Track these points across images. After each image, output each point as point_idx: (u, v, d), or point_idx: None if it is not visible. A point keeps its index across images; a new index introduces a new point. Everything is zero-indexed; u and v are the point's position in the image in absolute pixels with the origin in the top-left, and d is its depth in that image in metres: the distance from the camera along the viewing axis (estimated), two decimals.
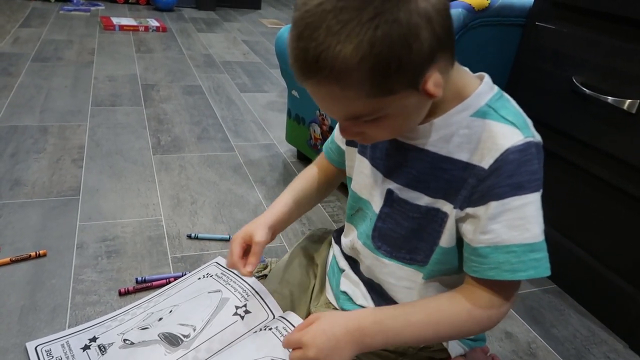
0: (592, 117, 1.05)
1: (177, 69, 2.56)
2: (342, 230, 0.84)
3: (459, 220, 0.62)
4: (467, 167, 0.60)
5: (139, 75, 2.38)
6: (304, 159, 1.67)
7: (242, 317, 0.80)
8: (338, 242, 0.86)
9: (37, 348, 0.82)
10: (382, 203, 0.70)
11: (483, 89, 0.61)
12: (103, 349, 0.80)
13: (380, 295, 0.77)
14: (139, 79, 2.33)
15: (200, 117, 1.98)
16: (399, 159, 0.67)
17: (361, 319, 0.63)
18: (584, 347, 1.00)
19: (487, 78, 0.63)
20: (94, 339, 0.83)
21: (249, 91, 2.36)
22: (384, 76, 0.50)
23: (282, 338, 0.72)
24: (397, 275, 0.72)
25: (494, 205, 0.58)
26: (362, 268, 0.78)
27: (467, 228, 0.61)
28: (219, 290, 0.86)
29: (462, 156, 0.61)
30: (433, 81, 0.53)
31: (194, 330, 0.79)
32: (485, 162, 0.58)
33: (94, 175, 1.43)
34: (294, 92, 1.54)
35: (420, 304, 0.66)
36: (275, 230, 0.80)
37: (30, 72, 2.24)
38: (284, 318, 0.76)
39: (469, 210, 0.60)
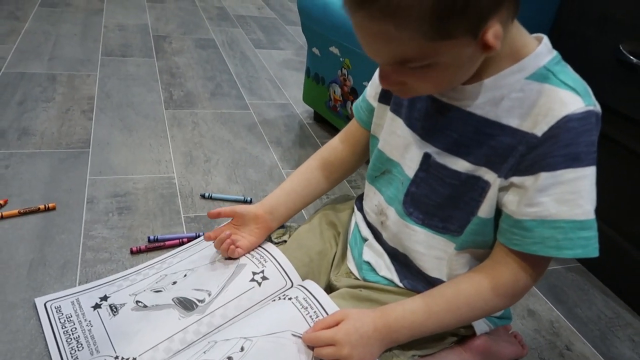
0: None
1: (190, 21, 2.46)
2: (364, 200, 0.80)
3: (501, 190, 0.58)
4: (517, 133, 0.55)
5: (150, 26, 2.29)
6: (321, 121, 1.61)
7: (259, 284, 0.77)
8: (361, 210, 0.81)
9: (47, 304, 0.79)
10: (418, 167, 0.65)
11: (542, 50, 0.55)
12: (115, 309, 0.77)
13: (405, 265, 0.73)
14: (150, 30, 2.24)
15: (213, 72, 1.90)
16: (440, 121, 0.61)
17: (386, 315, 0.62)
18: (608, 328, 0.96)
19: (545, 39, 0.56)
20: (105, 298, 0.80)
21: (264, 47, 2.27)
22: (445, 17, 0.44)
23: (302, 310, 0.68)
24: (427, 244, 0.67)
25: (544, 177, 0.53)
26: (387, 237, 0.74)
27: (510, 199, 0.57)
28: None
29: (512, 122, 0.55)
30: (493, 32, 0.47)
31: (209, 295, 0.75)
32: (539, 129, 0.53)
33: (105, 127, 1.38)
34: (315, 50, 1.46)
35: (439, 292, 0.63)
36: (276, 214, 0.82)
37: (38, 18, 2.15)
38: (303, 287, 0.73)
39: (515, 179, 0.55)
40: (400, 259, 0.73)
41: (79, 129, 1.35)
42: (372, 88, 0.75)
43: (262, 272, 0.78)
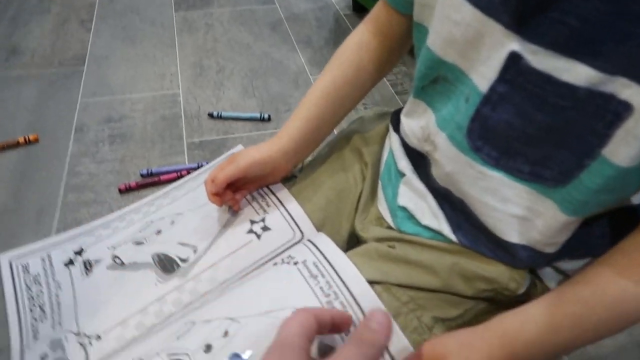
0: None
1: None
2: (403, 116, 0.55)
3: None
4: None
5: None
6: (362, 11, 1.31)
7: (259, 236, 0.58)
8: (398, 131, 0.58)
9: (13, 263, 0.66)
10: (497, 75, 0.39)
11: None
12: (88, 267, 0.62)
13: (460, 212, 0.50)
14: None
15: None
16: None
17: (509, 341, 0.38)
18: None
19: None
20: (80, 252, 0.65)
21: None
22: None
23: (310, 280, 0.49)
24: (501, 195, 0.44)
25: None
26: (435, 172, 0.50)
27: None
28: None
29: None
30: None
31: (194, 252, 0.58)
32: None
33: (104, 39, 1.19)
34: None
35: (591, 297, 0.38)
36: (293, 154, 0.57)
37: None
38: (313, 245, 0.53)
39: None
40: (453, 203, 0.51)
41: (75, 43, 1.17)
42: None
43: (263, 220, 0.59)
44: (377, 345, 0.29)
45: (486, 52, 0.40)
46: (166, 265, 0.57)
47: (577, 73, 0.34)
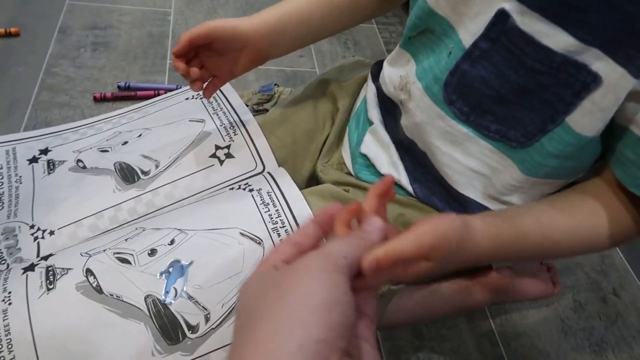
0: None
1: None
2: (386, 63, 0.56)
3: (631, 98, 0.36)
4: None
5: None
6: None
7: (221, 162, 0.59)
8: (376, 80, 0.58)
9: None
10: (482, 32, 0.40)
11: None
12: (51, 167, 0.63)
13: (420, 165, 0.52)
14: None
15: None
16: None
17: (496, 236, 0.38)
18: None
19: None
20: (45, 151, 0.66)
21: None
22: None
23: (261, 207, 0.51)
24: (466, 149, 0.47)
25: None
26: (404, 123, 0.52)
27: None
28: (203, 120, 0.64)
29: None
30: None
31: (156, 167, 0.59)
32: None
33: None
34: None
35: (551, 217, 0.41)
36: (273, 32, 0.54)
37: None
38: (272, 178, 0.55)
39: None
40: (415, 155, 0.52)
41: None
42: None
43: (228, 147, 0.60)
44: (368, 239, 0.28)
45: (477, 7, 0.41)
46: (127, 174, 0.59)
47: (557, 39, 0.36)
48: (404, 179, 0.53)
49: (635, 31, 0.33)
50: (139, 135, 0.65)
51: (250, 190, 0.53)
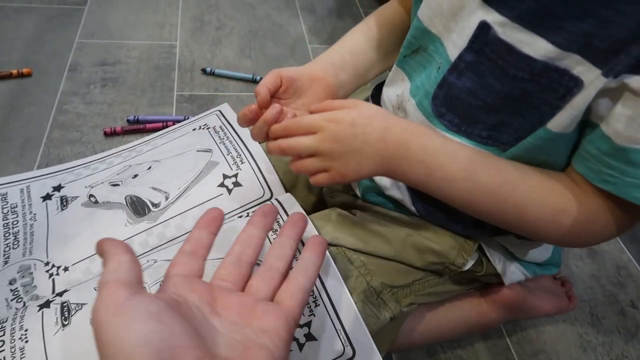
0: None
1: None
2: (385, 85, 0.57)
3: (603, 95, 0.36)
4: None
5: None
6: None
7: (230, 191, 0.60)
8: (377, 103, 0.59)
9: None
10: (466, 45, 0.41)
11: None
12: (64, 203, 0.65)
13: None
14: None
15: None
16: None
17: (411, 133, 0.42)
18: None
19: None
20: (58, 188, 0.67)
21: None
22: None
23: (271, 234, 0.51)
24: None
25: None
26: None
27: (618, 112, 0.36)
28: (210, 150, 0.65)
29: None
30: None
31: (166, 199, 0.60)
32: None
33: None
34: None
35: (497, 163, 0.43)
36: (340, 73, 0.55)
37: None
38: (279, 203, 0.55)
39: (632, 81, 0.34)
40: None
41: None
42: None
43: (236, 176, 0.61)
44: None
45: (462, 22, 0.42)
46: (138, 207, 0.60)
47: (537, 47, 0.37)
48: (407, 199, 0.54)
49: (610, 33, 0.34)
50: (149, 168, 0.66)
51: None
